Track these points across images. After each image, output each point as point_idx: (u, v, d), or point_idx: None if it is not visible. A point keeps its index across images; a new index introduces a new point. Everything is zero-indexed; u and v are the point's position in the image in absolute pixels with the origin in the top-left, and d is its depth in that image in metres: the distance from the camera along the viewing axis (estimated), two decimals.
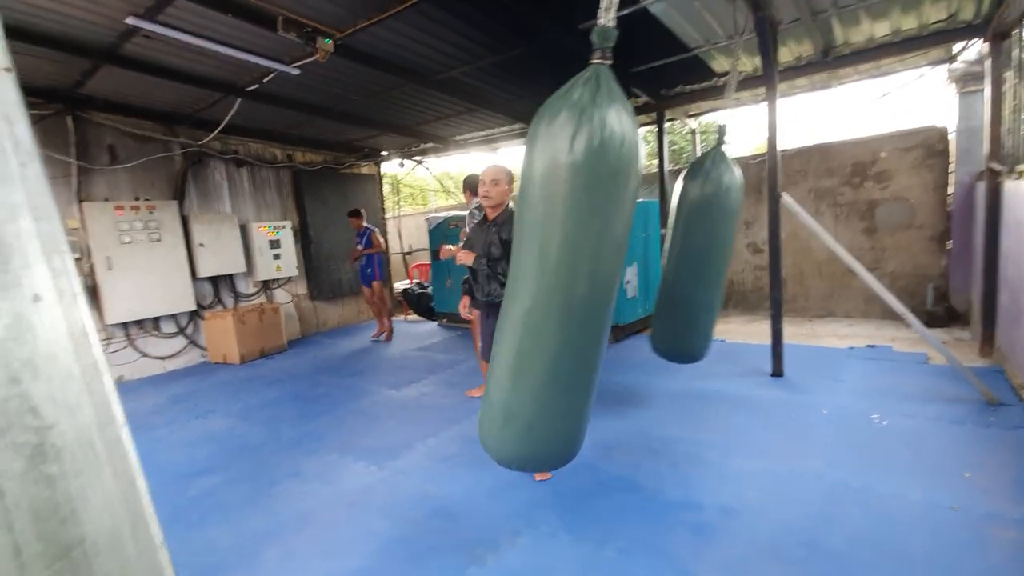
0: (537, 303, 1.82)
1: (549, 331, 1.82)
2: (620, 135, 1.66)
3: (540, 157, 1.73)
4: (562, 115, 1.69)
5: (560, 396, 1.92)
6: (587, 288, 1.80)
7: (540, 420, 1.93)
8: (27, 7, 3.53)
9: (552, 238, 1.75)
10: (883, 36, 4.66)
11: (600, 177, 1.67)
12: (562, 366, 1.86)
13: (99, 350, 0.39)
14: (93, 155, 5.64)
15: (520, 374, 1.90)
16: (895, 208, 6.09)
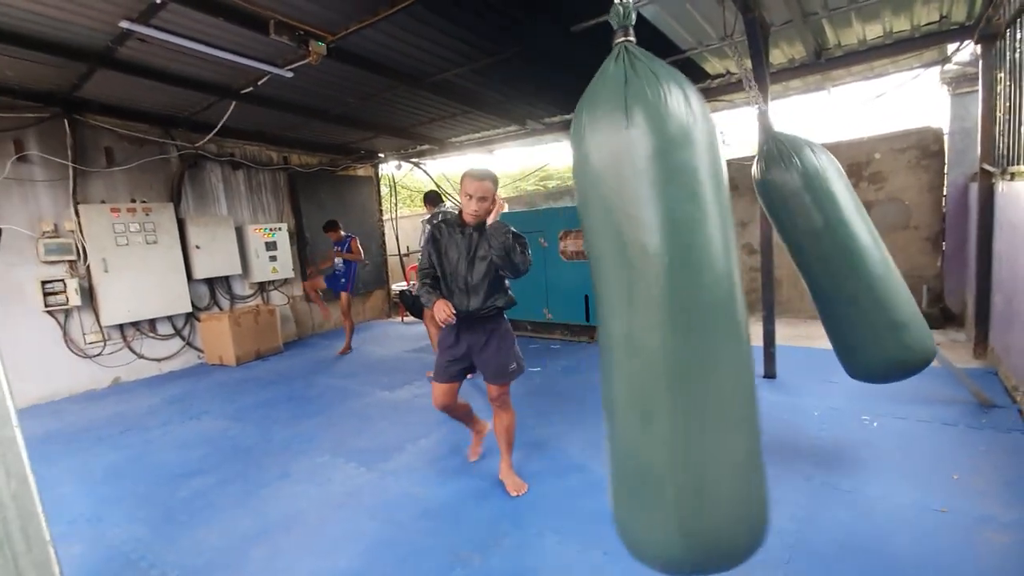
0: (636, 322, 1.39)
1: (659, 351, 1.35)
2: (679, 93, 1.39)
3: (595, 150, 1.44)
4: (605, 91, 1.43)
5: (716, 435, 1.35)
6: (695, 286, 1.36)
7: (708, 473, 1.33)
8: (25, 13, 3.55)
9: (633, 234, 1.38)
10: (875, 38, 4.67)
11: (673, 144, 1.35)
12: (699, 392, 1.34)
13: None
14: (90, 158, 5.67)
15: (648, 417, 1.37)
16: (890, 209, 6.09)
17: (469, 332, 2.75)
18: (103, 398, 5.33)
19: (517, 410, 4.13)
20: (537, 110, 6.69)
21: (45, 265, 5.31)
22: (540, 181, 17.36)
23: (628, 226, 1.39)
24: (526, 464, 3.16)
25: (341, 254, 6.49)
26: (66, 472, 3.54)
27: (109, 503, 3.06)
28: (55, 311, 5.35)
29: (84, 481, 3.38)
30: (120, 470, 3.52)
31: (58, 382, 5.40)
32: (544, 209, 7.61)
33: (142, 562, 2.44)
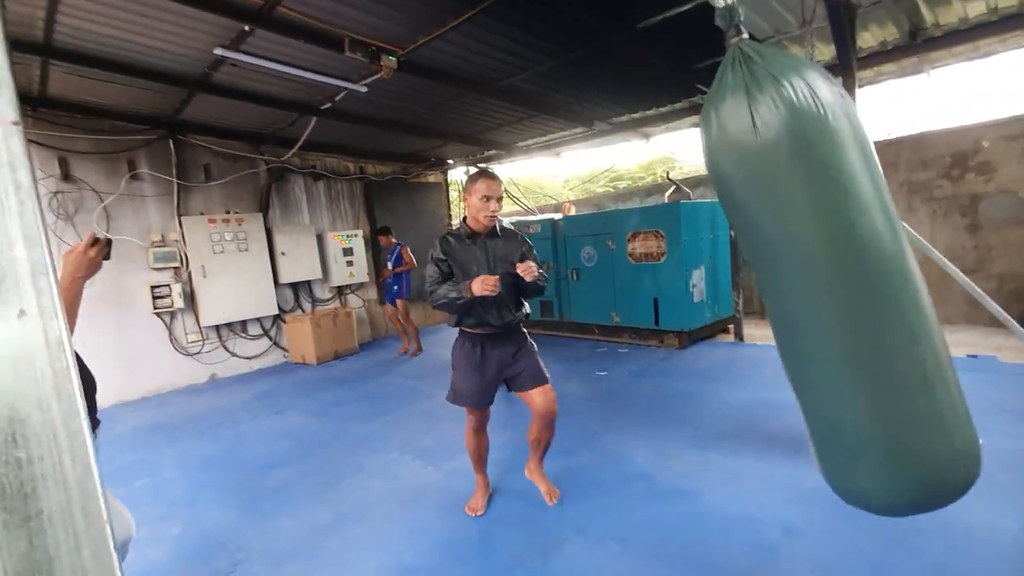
0: (807, 299, 1.39)
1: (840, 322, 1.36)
2: (804, 87, 1.32)
3: (726, 158, 1.42)
4: (727, 103, 1.39)
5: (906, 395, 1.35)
6: (862, 272, 1.33)
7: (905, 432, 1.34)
8: (133, 45, 3.99)
9: (791, 235, 1.36)
10: (979, 15, 4.20)
11: (808, 142, 1.31)
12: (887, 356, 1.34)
13: (70, 355, 0.48)
14: (191, 174, 6.25)
15: (850, 382, 1.39)
16: (1002, 202, 5.46)
17: (498, 347, 2.56)
18: (201, 392, 5.85)
19: (581, 414, 4.10)
20: (604, 110, 6.61)
21: (154, 271, 5.91)
22: (610, 182, 17.13)
23: (783, 231, 1.38)
24: (591, 470, 3.12)
25: (390, 271, 6.68)
26: (169, 459, 3.91)
27: (204, 489, 3.35)
28: (162, 313, 5.94)
29: (184, 468, 3.72)
30: (215, 459, 3.85)
31: (163, 377, 5.99)
32: (611, 211, 7.50)
33: (230, 544, 2.66)
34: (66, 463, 0.46)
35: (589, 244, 6.59)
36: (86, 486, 0.47)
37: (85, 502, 0.47)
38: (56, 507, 0.46)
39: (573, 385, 4.88)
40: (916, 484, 1.35)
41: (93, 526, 0.47)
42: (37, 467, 0.45)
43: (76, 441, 0.47)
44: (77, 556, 0.46)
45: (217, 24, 3.72)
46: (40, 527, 0.45)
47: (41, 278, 0.47)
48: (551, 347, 6.54)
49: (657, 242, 5.85)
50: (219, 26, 3.76)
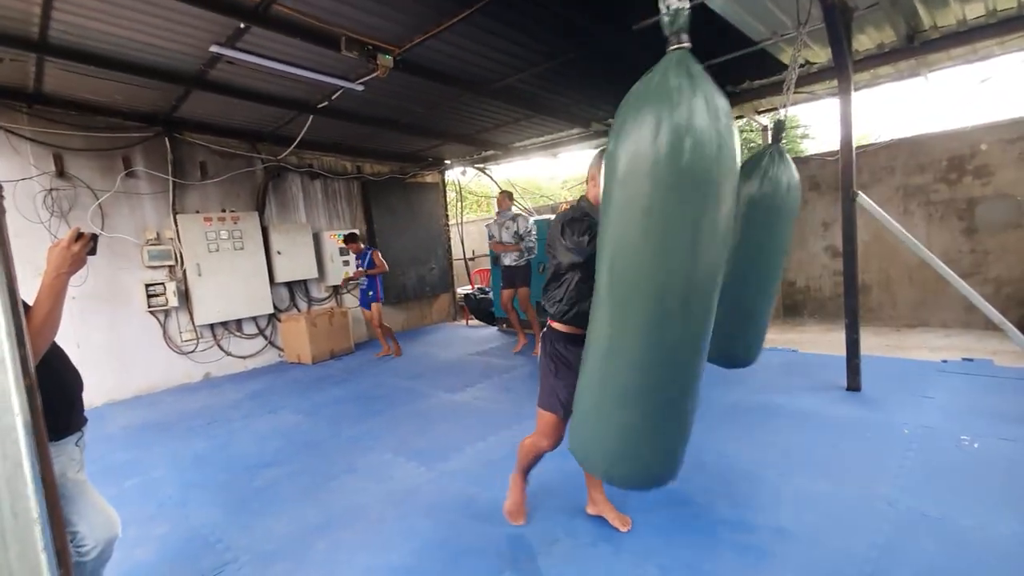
0: (615, 318, 1.65)
1: (626, 349, 1.65)
2: (704, 127, 1.43)
3: (621, 156, 1.53)
4: (639, 110, 1.50)
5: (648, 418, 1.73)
6: (671, 302, 1.56)
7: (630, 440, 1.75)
8: (128, 41, 3.97)
9: (629, 244, 1.56)
10: (977, 17, 4.20)
11: (681, 175, 1.44)
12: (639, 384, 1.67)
13: (8, 347, 0.45)
14: (187, 171, 6.23)
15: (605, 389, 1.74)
16: (999, 206, 5.46)
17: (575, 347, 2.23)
18: (195, 391, 5.82)
19: None
20: (601, 111, 6.60)
21: (148, 270, 5.89)
22: None
23: (625, 231, 1.57)
24: (578, 472, 3.09)
25: (363, 272, 6.53)
26: (160, 458, 3.89)
27: (194, 488, 3.32)
28: (156, 311, 5.91)
29: (174, 467, 3.70)
30: (206, 458, 3.82)
31: (157, 376, 5.96)
32: None
33: (218, 544, 2.63)
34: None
35: None
36: (15, 485, 0.45)
37: (14, 500, 0.45)
38: None
39: None
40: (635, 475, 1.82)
41: (21, 525, 0.45)
42: None
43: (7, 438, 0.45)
44: (3, 555, 0.44)
45: (213, 21, 3.71)
46: None
47: None
48: None
49: None
50: (215, 23, 3.75)
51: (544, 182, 21.67)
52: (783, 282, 7.15)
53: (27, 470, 0.46)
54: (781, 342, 5.82)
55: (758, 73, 5.56)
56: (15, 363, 0.45)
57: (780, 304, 7.20)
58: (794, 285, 7.07)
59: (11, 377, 0.45)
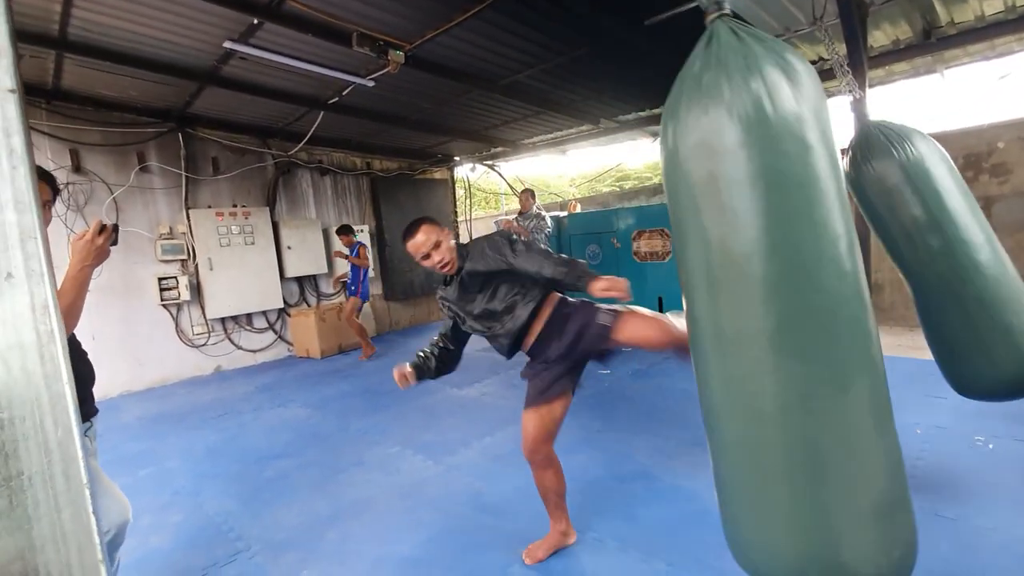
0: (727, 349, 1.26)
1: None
2: (781, 80, 1.17)
3: (685, 151, 1.26)
4: (690, 90, 1.25)
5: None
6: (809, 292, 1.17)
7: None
8: (143, 37, 4.02)
9: (732, 237, 1.20)
10: (995, 13, 4.14)
11: (773, 140, 1.16)
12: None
13: (56, 320, 0.47)
14: (199, 167, 6.29)
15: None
16: (1017, 205, 5.38)
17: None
18: (206, 384, 5.89)
19: (583, 413, 4.09)
20: (611, 108, 6.58)
21: (162, 264, 5.96)
22: (617, 181, 17.08)
23: (726, 230, 1.22)
24: (591, 468, 3.11)
25: (349, 258, 6.39)
26: (173, 448, 3.94)
27: (207, 479, 3.37)
28: (169, 305, 5.99)
29: (187, 458, 3.75)
30: (218, 449, 3.87)
31: (170, 368, 6.04)
32: (616, 209, 7.47)
33: (231, 533, 2.67)
34: (48, 426, 0.46)
35: (594, 242, 6.57)
36: (68, 449, 0.47)
37: (66, 465, 0.47)
38: (37, 468, 0.46)
39: None
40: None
41: (73, 488, 0.47)
42: (19, 428, 0.45)
43: (58, 405, 0.47)
44: (57, 517, 0.46)
45: (227, 17, 3.74)
46: (20, 487, 0.45)
47: (29, 242, 0.48)
48: None
49: (663, 241, 5.82)
50: (229, 19, 3.78)
51: (553, 179, 21.67)
52: None
53: (76, 436, 0.48)
54: None
55: None
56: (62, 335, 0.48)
57: None
58: None
59: (59, 347, 0.47)
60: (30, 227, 0.47)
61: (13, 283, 0.46)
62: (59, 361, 0.48)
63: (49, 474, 0.47)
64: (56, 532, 0.47)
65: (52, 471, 0.47)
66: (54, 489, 0.47)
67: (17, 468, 0.46)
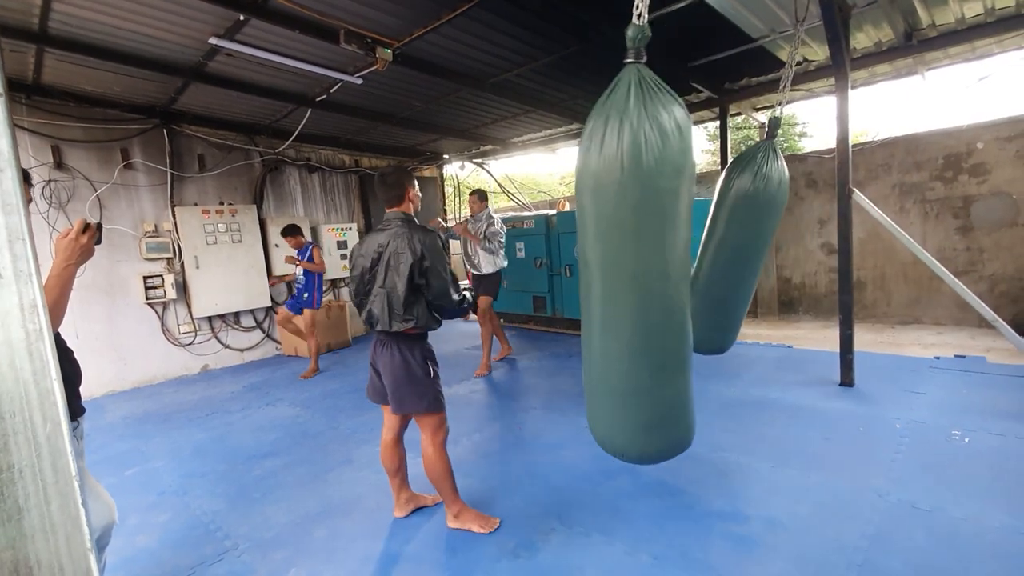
0: (596, 315, 1.91)
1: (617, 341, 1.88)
2: (657, 135, 1.62)
3: (581, 163, 1.77)
4: (594, 121, 1.71)
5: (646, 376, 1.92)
6: (646, 302, 1.81)
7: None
8: (128, 33, 3.96)
9: (594, 248, 1.81)
10: (975, 16, 4.23)
11: (636, 181, 1.63)
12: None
13: (44, 319, 0.48)
14: (185, 164, 6.23)
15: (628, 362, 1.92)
16: (995, 204, 5.50)
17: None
18: (193, 383, 5.84)
19: (570, 410, 4.12)
20: None
21: (146, 262, 5.89)
22: None
23: (589, 237, 1.82)
24: (579, 464, 3.14)
25: (300, 262, 5.59)
26: (160, 448, 3.91)
27: (194, 478, 3.35)
28: (154, 303, 5.93)
29: (174, 457, 3.72)
30: (205, 449, 3.85)
31: (156, 368, 5.98)
32: None
33: (218, 532, 2.66)
34: (36, 421, 0.48)
35: None
36: (56, 444, 0.48)
37: (55, 459, 0.48)
38: (26, 462, 0.47)
39: (563, 380, 4.90)
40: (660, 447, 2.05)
41: (61, 481, 0.49)
42: (8, 423, 0.46)
43: (47, 400, 0.48)
44: (46, 508, 0.48)
45: (212, 13, 3.71)
46: (11, 479, 0.47)
47: (17, 244, 0.48)
48: (543, 342, 6.56)
49: None
50: (214, 15, 3.74)
51: (543, 178, 21.69)
52: (779, 279, 7.20)
53: (64, 431, 0.49)
54: (776, 338, 5.86)
55: (756, 70, 5.58)
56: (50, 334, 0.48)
57: (776, 300, 7.24)
58: (790, 282, 7.11)
59: (47, 345, 0.48)
60: (18, 229, 0.48)
61: (2, 283, 0.47)
62: (47, 358, 0.49)
63: (38, 467, 0.48)
64: (45, 523, 0.48)
65: (41, 464, 0.48)
66: (43, 482, 0.48)
67: (7, 461, 0.47)
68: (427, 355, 2.44)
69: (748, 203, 3.04)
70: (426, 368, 2.40)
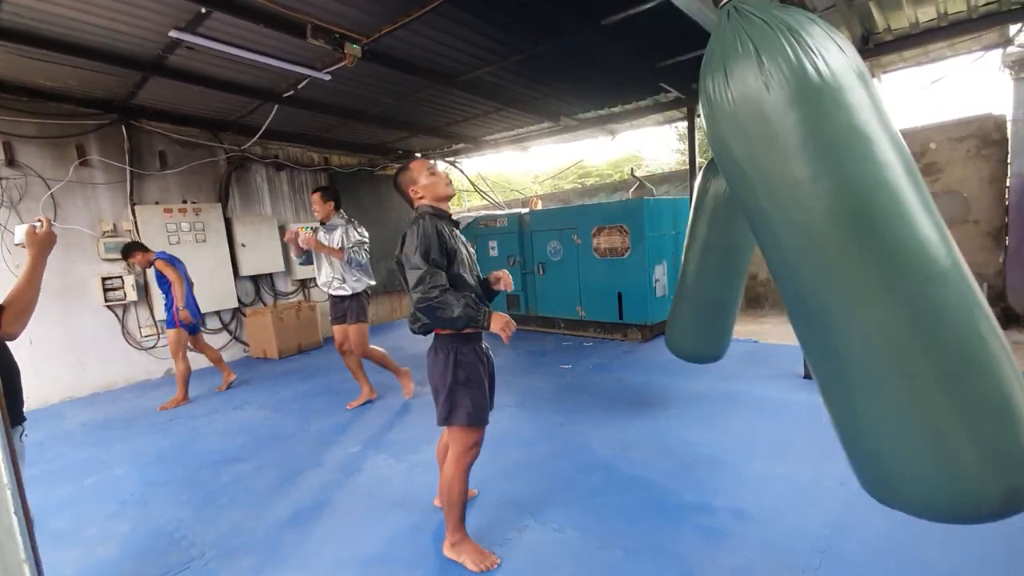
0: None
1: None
2: (814, 56, 1.24)
3: (730, 131, 1.35)
4: (735, 66, 1.29)
5: None
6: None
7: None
8: (82, 24, 3.80)
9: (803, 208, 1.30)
10: (929, 20, 4.40)
11: (815, 102, 1.23)
12: None
13: None
14: (145, 161, 6.01)
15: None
16: (947, 202, 5.74)
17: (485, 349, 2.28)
18: (157, 387, 5.65)
19: (544, 407, 4.14)
20: (571, 106, 6.65)
21: (105, 262, 5.67)
22: (579, 178, 17.24)
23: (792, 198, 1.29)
24: (552, 460, 3.16)
25: (169, 273, 4.74)
26: (121, 455, 3.77)
27: (157, 486, 3.24)
28: (114, 306, 5.71)
29: (136, 464, 3.60)
30: (168, 455, 3.73)
31: (116, 372, 5.77)
32: (577, 206, 7.57)
33: (183, 541, 2.59)
34: None
35: (555, 239, 6.63)
36: None
37: None
38: None
39: (537, 378, 4.92)
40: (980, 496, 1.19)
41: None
42: None
43: None
44: None
45: (172, 5, 3.58)
46: None
47: None
48: (517, 341, 6.57)
49: (621, 237, 5.94)
50: (174, 7, 3.61)
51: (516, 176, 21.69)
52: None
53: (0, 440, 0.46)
54: (743, 333, 6.00)
55: None
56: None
57: (743, 296, 7.42)
58: (756, 278, 7.29)
59: None
60: None
61: None
62: None
63: None
64: None
65: None
66: None
67: None
68: (459, 358, 2.12)
69: (728, 204, 3.08)
70: (453, 374, 2.10)
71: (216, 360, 5.36)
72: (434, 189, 2.21)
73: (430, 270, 1.97)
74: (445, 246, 2.07)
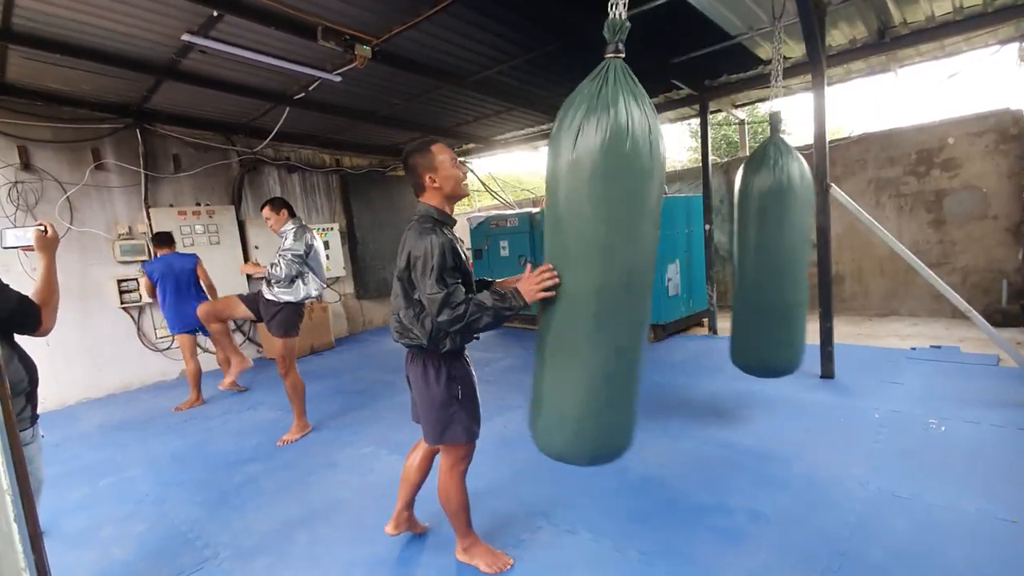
0: (565, 305, 1.85)
1: (579, 328, 1.83)
2: (628, 130, 1.60)
3: (552, 156, 1.76)
4: (570, 113, 1.70)
5: (603, 391, 1.92)
6: (610, 286, 1.73)
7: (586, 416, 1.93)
8: (97, 29, 3.85)
9: (566, 237, 1.76)
10: (944, 14, 4.31)
11: (608, 174, 1.62)
12: (597, 362, 1.84)
13: None
14: (159, 164, 6.08)
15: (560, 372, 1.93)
16: (965, 198, 5.63)
17: None
18: (172, 388, 5.71)
19: None
20: None
21: (121, 265, 5.74)
22: None
23: (562, 226, 1.77)
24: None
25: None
26: (136, 456, 3.81)
27: (172, 486, 3.27)
28: (129, 307, 5.78)
29: (152, 465, 3.63)
30: (183, 456, 3.76)
31: (132, 373, 5.83)
32: None
33: (197, 541, 2.60)
34: None
35: None
36: None
37: None
38: None
39: None
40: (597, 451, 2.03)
41: None
42: None
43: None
44: None
45: (185, 8, 3.62)
46: None
47: None
48: (528, 340, 6.54)
49: None
50: (187, 11, 3.65)
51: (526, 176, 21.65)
52: None
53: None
54: None
55: (734, 67, 5.62)
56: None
57: None
58: None
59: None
60: None
61: None
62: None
63: None
64: None
65: None
66: None
67: None
68: (452, 373, 2.02)
69: (773, 200, 2.93)
70: (451, 391, 2.01)
71: (223, 362, 5.39)
72: (455, 184, 2.00)
73: (449, 290, 1.83)
74: (460, 267, 1.92)
